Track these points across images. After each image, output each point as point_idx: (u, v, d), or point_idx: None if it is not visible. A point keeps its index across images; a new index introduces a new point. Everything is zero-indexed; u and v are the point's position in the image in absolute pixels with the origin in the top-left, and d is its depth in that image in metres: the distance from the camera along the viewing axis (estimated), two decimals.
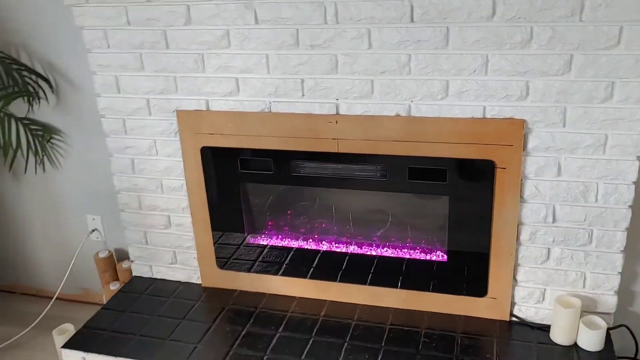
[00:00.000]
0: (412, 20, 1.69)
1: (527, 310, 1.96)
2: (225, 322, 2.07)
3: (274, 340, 1.96)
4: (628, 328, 1.93)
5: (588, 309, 1.90)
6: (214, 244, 2.21)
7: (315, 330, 1.99)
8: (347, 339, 1.94)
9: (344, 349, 1.89)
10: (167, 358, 1.91)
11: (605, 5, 1.55)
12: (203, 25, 1.87)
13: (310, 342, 1.94)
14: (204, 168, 2.09)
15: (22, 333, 2.50)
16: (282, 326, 2.03)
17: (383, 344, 1.91)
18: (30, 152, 2.37)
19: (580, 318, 1.85)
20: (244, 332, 2.01)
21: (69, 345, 2.01)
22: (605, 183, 1.74)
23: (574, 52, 1.62)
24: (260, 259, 2.21)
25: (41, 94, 2.29)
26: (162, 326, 2.07)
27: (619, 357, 1.97)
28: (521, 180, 1.79)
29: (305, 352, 1.89)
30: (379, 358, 1.84)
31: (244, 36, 1.85)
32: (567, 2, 1.57)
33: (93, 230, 2.53)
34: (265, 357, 1.88)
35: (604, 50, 1.59)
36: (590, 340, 1.83)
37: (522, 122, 1.72)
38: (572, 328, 1.84)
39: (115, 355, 1.94)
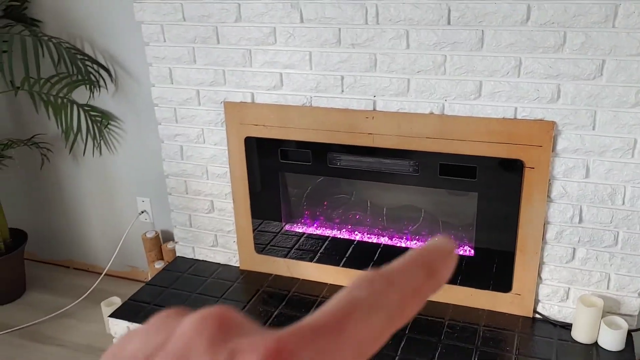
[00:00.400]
0: (449, 22, 1.77)
1: (551, 307, 2.02)
2: (260, 303, 2.19)
3: None
4: None
5: (611, 309, 1.94)
6: (253, 229, 2.34)
7: None
8: None
9: None
10: None
11: (638, 13, 1.60)
12: (252, 22, 2.00)
13: None
14: (247, 157, 2.22)
15: (73, 303, 2.69)
16: (313, 310, 2.13)
17: (407, 331, 1.99)
18: (89, 136, 2.55)
19: (602, 318, 1.89)
20: (276, 313, 2.13)
21: (115, 315, 2.17)
22: (633, 186, 1.78)
23: (606, 57, 1.67)
24: (296, 246, 2.33)
25: (102, 82, 2.47)
26: (200, 303, 2.21)
27: None
28: (549, 180, 1.85)
29: None
30: (402, 344, 1.93)
31: (290, 34, 1.97)
32: (600, 9, 1.63)
33: (142, 212, 2.70)
34: None
35: (636, 56, 1.64)
36: (611, 339, 1.87)
37: (552, 124, 1.78)
38: (593, 327, 1.89)
39: None
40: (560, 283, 1.98)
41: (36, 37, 2.34)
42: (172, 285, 2.34)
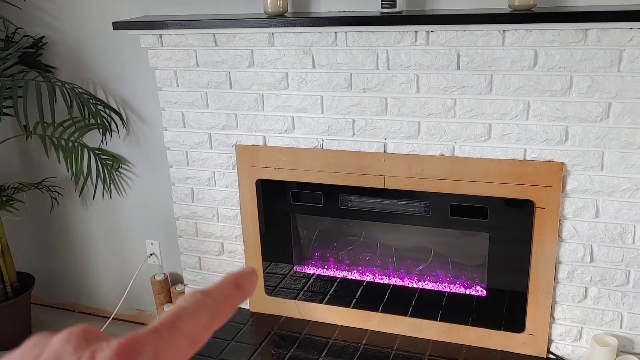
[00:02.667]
0: (458, 67, 1.83)
1: (564, 347, 2.02)
2: (271, 346, 2.18)
3: None
4: None
5: (625, 349, 1.94)
6: (263, 271, 2.35)
7: (356, 357, 2.08)
8: None
9: None
10: None
11: None
12: (264, 68, 2.05)
13: None
14: (258, 199, 2.24)
15: None
16: (325, 352, 2.13)
17: None
18: (99, 179, 2.57)
19: (616, 357, 1.89)
20: (288, 355, 2.12)
21: None
22: None
23: (612, 100, 1.72)
24: (306, 287, 2.33)
25: (113, 126, 2.50)
26: (211, 346, 2.19)
27: None
28: (560, 220, 1.88)
29: None
30: None
31: (302, 79, 2.02)
32: (605, 54, 1.68)
33: (151, 255, 2.70)
34: None
35: None
36: None
37: (561, 165, 1.82)
38: None
39: None
40: (573, 323, 1.98)
41: (50, 82, 2.39)
42: None
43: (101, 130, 2.48)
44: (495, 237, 1.98)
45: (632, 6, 1.66)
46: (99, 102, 2.45)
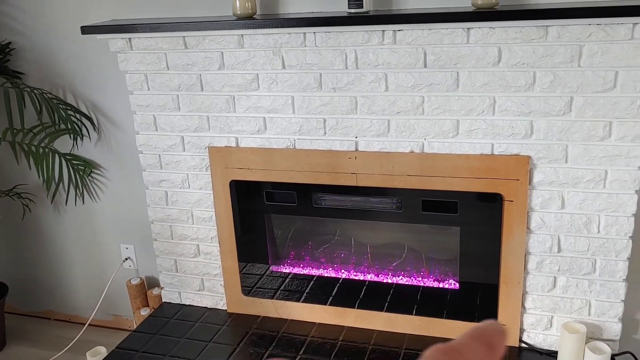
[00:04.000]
0: (425, 65, 1.86)
1: (536, 336, 2.07)
2: (249, 346, 2.20)
3: None
4: (633, 355, 2.02)
5: (593, 335, 2.00)
6: (240, 271, 2.36)
7: (333, 354, 2.11)
8: None
9: None
10: None
11: (601, 52, 1.71)
12: (235, 69, 2.06)
13: None
14: (232, 200, 2.25)
15: (57, 355, 2.64)
16: (303, 350, 2.15)
17: None
18: (71, 185, 2.55)
19: (586, 344, 1.95)
20: (266, 354, 2.13)
21: None
22: (607, 215, 1.87)
23: (574, 94, 1.77)
24: (282, 286, 2.35)
25: (84, 131, 2.49)
26: (190, 348, 2.20)
27: None
28: (527, 212, 1.93)
29: None
30: None
31: (272, 79, 2.04)
32: (566, 50, 1.74)
33: (126, 259, 2.69)
34: None
35: (601, 92, 1.75)
36: None
37: (528, 159, 1.87)
38: (578, 353, 1.94)
39: None
40: (543, 312, 2.03)
41: (18, 88, 2.37)
42: (160, 331, 2.32)
43: (72, 135, 2.47)
44: (466, 231, 2.03)
45: (590, 2, 1.72)
46: (69, 107, 2.43)
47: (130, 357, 2.17)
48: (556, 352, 2.02)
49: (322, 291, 2.30)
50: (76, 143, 2.52)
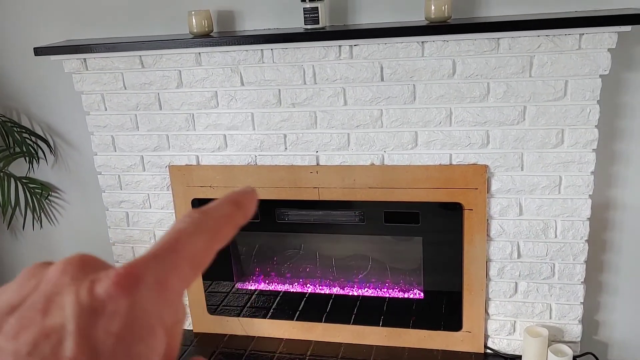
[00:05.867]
0: (382, 79, 1.89)
1: (500, 342, 2.10)
2: None
3: None
4: (594, 355, 2.07)
5: (555, 338, 2.04)
6: (205, 290, 2.33)
7: None
8: None
9: None
10: None
11: (550, 62, 1.77)
12: (193, 87, 2.05)
13: None
14: None
15: None
16: None
17: None
18: (28, 209, 2.49)
19: (548, 347, 1.99)
20: None
21: None
22: (563, 220, 1.92)
23: (527, 104, 1.82)
24: (248, 304, 2.33)
25: (40, 154, 2.44)
26: None
27: None
28: (487, 220, 1.97)
29: None
30: None
31: (231, 97, 2.04)
32: (517, 61, 1.79)
33: None
34: None
35: (552, 101, 1.80)
36: None
37: (485, 167, 1.91)
38: (541, 356, 1.98)
39: None
40: (506, 317, 2.07)
41: None
42: None
43: (27, 158, 2.41)
44: (428, 240, 2.05)
45: (538, 15, 1.77)
46: (23, 130, 2.38)
47: None
48: (520, 357, 2.05)
49: (288, 306, 2.29)
50: (32, 166, 2.47)
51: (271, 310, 2.31)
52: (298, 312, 2.28)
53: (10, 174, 2.46)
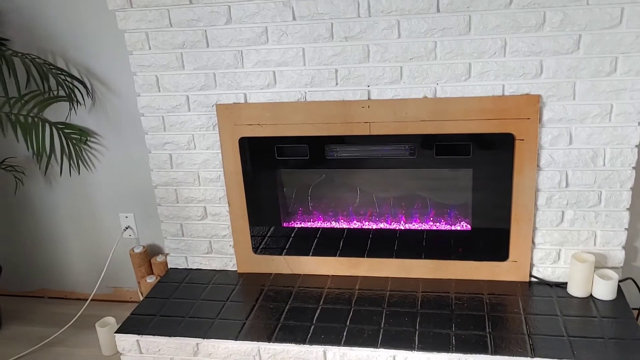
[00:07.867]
0: (438, 10, 1.90)
1: (545, 270, 2.17)
2: (268, 301, 2.21)
3: (317, 312, 2.11)
4: (634, 281, 2.15)
5: (599, 264, 2.12)
6: (250, 230, 2.35)
7: (353, 301, 2.15)
8: (385, 306, 2.10)
9: (383, 315, 2.06)
10: (221, 333, 2.03)
11: None
12: (243, 23, 2.04)
13: (352, 311, 2.10)
14: (241, 158, 2.24)
15: (60, 331, 2.57)
16: (322, 300, 2.18)
17: (419, 308, 2.08)
18: (64, 155, 2.47)
19: (594, 272, 2.06)
20: (287, 307, 2.15)
21: (122, 330, 2.11)
22: (612, 148, 1.97)
23: (582, 32, 1.85)
24: (293, 242, 2.36)
25: (79, 97, 2.41)
26: (208, 308, 2.19)
27: None
28: (538, 150, 2.01)
29: (349, 319, 2.05)
30: (418, 319, 2.01)
31: (282, 32, 2.03)
32: None
33: (126, 228, 2.64)
34: (312, 326, 2.03)
35: (608, 29, 1.83)
36: (605, 290, 2.04)
37: (538, 97, 1.94)
38: (587, 281, 2.05)
39: (171, 335, 2.05)
40: (552, 246, 2.13)
41: (2, 55, 2.26)
42: (172, 295, 2.30)
43: (68, 103, 2.38)
44: (478, 172, 2.09)
45: None
46: (61, 72, 2.34)
47: (148, 322, 2.14)
48: (565, 283, 2.13)
49: (332, 243, 2.33)
50: (70, 112, 2.44)
51: (316, 248, 2.34)
52: (341, 249, 2.32)
53: (45, 119, 2.43)
